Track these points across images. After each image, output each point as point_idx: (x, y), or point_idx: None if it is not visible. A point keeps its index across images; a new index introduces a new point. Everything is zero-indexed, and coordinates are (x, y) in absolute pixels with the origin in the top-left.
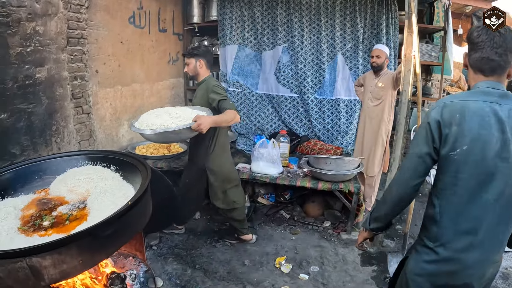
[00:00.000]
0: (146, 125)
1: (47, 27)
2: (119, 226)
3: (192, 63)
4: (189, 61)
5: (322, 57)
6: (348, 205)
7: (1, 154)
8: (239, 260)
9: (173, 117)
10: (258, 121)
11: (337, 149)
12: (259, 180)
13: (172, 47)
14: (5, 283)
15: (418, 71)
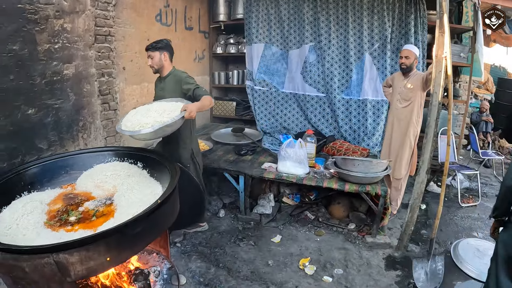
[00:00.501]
0: (140, 126)
1: (74, 24)
2: (148, 224)
3: (156, 56)
4: (153, 54)
5: (349, 56)
6: (375, 208)
7: (29, 149)
8: (263, 260)
9: (159, 112)
10: (284, 120)
11: (363, 151)
12: (286, 180)
13: (198, 45)
14: (30, 278)
15: (450, 72)
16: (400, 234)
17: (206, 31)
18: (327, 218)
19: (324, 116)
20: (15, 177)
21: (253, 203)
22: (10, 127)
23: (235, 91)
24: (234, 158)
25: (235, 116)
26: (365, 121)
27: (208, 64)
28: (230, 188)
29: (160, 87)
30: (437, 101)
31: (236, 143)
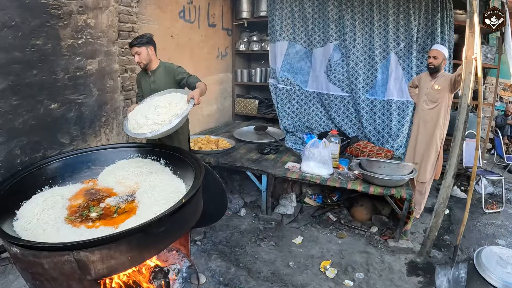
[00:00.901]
0: (156, 124)
1: (98, 20)
2: (171, 223)
3: (143, 52)
4: (140, 50)
5: (374, 55)
6: (399, 211)
7: (51, 143)
8: (284, 261)
9: (166, 106)
10: (307, 120)
11: (388, 152)
12: (309, 181)
13: (221, 42)
14: (49, 274)
15: (480, 74)
16: (423, 239)
17: (229, 28)
18: (349, 220)
19: (348, 116)
20: (36, 171)
21: (275, 203)
22: (33, 121)
23: (257, 89)
24: (257, 156)
25: (257, 114)
26: (390, 122)
27: (231, 61)
28: (251, 187)
29: (150, 81)
30: (466, 103)
31: (258, 141)
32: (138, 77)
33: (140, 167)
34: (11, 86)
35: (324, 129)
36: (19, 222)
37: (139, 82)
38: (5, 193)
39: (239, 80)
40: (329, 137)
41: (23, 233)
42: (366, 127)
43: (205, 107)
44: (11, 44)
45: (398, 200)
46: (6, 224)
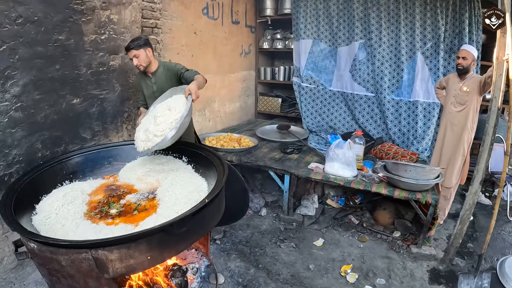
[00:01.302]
0: (154, 136)
1: (121, 15)
2: (193, 224)
3: (142, 54)
4: (138, 53)
5: (400, 55)
6: (423, 217)
7: (72, 138)
8: (304, 263)
9: (166, 113)
10: (331, 119)
11: (413, 155)
12: (333, 182)
13: (244, 40)
14: (66, 271)
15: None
16: (446, 246)
17: (253, 26)
18: (371, 224)
19: (373, 117)
20: (57, 165)
21: (296, 203)
22: (55, 115)
23: (280, 87)
24: (279, 156)
25: (280, 112)
26: (415, 124)
27: (254, 59)
28: (273, 186)
29: (151, 84)
30: (496, 106)
31: (281, 140)
32: (137, 82)
33: (161, 164)
34: (34, 80)
35: (348, 129)
36: (38, 217)
37: (139, 87)
38: (25, 187)
39: (262, 78)
40: (353, 138)
41: (41, 227)
42: (391, 129)
43: (228, 104)
44: (33, 39)
45: (423, 205)
46: (24, 218)
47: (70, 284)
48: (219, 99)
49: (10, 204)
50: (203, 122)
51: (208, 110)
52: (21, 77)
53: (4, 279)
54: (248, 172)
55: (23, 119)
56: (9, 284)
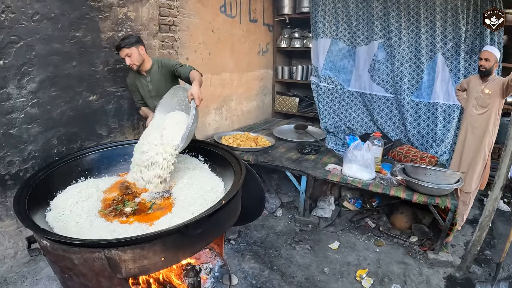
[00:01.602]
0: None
1: (138, 13)
2: (209, 225)
3: (134, 53)
4: (130, 51)
5: (420, 55)
6: (442, 222)
7: (88, 135)
8: (319, 266)
9: (174, 123)
10: (348, 120)
11: (432, 158)
12: (350, 185)
13: (262, 38)
14: (78, 270)
15: None
16: (463, 252)
17: (271, 24)
18: (388, 228)
19: (391, 118)
20: (73, 162)
21: (312, 205)
22: (71, 112)
23: (298, 86)
24: (296, 156)
25: (297, 112)
26: (435, 127)
27: (272, 58)
28: (289, 187)
29: (147, 82)
30: None
31: (298, 140)
32: (130, 81)
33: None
34: (50, 77)
35: (366, 130)
36: (52, 213)
37: (133, 86)
38: (40, 183)
39: (279, 77)
40: (371, 140)
41: (55, 224)
42: (409, 131)
43: (245, 103)
44: (50, 36)
45: (441, 210)
46: (38, 214)
47: (82, 283)
48: (236, 98)
49: (24, 201)
50: (220, 120)
51: (225, 108)
52: (38, 74)
53: (17, 273)
54: (264, 171)
55: (39, 115)
56: (22, 278)
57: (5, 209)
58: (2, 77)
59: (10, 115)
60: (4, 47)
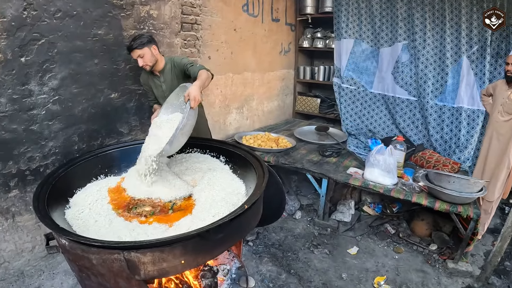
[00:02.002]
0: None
1: (161, 11)
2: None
3: (147, 53)
4: (142, 52)
5: (445, 58)
6: (463, 231)
7: (109, 132)
8: (337, 272)
9: (168, 124)
10: (370, 123)
11: (454, 165)
12: (372, 190)
13: (284, 38)
14: (97, 270)
15: None
16: (483, 263)
17: (293, 24)
18: (408, 235)
19: (414, 122)
20: (93, 159)
21: (332, 208)
22: (92, 109)
23: (319, 87)
24: (317, 158)
25: (318, 113)
26: (458, 132)
27: (294, 57)
28: (308, 189)
29: (160, 83)
30: None
31: (319, 142)
32: (144, 81)
33: (199, 163)
34: (72, 74)
35: (388, 134)
36: (71, 210)
37: (147, 86)
38: (60, 180)
39: (301, 77)
40: (394, 144)
41: (74, 222)
42: (432, 135)
43: (266, 103)
44: (72, 33)
45: (463, 219)
46: (57, 211)
47: (100, 282)
48: (258, 97)
49: (43, 198)
50: (240, 120)
51: (246, 108)
52: (59, 71)
53: (34, 266)
54: (284, 172)
55: (61, 112)
56: (39, 271)
57: (24, 203)
58: (24, 73)
59: (32, 112)
60: (26, 44)
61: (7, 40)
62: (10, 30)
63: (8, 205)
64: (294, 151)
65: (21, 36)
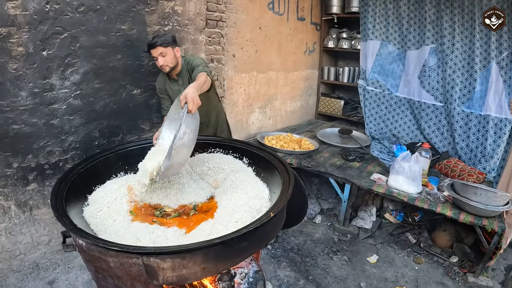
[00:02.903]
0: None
1: (185, 7)
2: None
3: (170, 53)
4: (166, 51)
5: (474, 63)
6: (486, 245)
7: (130, 128)
8: (355, 280)
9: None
10: (394, 127)
11: (480, 175)
12: (396, 198)
13: (309, 37)
14: (114, 272)
15: None
16: (503, 278)
17: (318, 23)
18: (429, 245)
19: (439, 129)
20: (113, 155)
21: (353, 214)
22: (114, 105)
23: (343, 88)
24: (340, 162)
25: (342, 115)
26: (485, 141)
27: (318, 58)
28: (329, 193)
29: (179, 86)
30: None
31: (342, 145)
32: (160, 85)
33: (221, 163)
34: (94, 69)
35: (412, 139)
36: (89, 208)
37: (162, 91)
38: (79, 176)
39: (325, 78)
40: (419, 151)
41: (92, 220)
42: (458, 143)
43: (289, 103)
44: (96, 28)
45: (486, 232)
46: (75, 208)
47: (116, 284)
48: (281, 97)
49: (62, 195)
50: (263, 119)
51: (269, 107)
52: (82, 65)
53: (50, 259)
54: (305, 175)
55: (82, 107)
56: (54, 265)
57: (42, 197)
58: (46, 67)
59: (52, 106)
60: (48, 38)
61: (29, 34)
62: (32, 23)
63: (26, 198)
64: (317, 153)
65: (43, 29)
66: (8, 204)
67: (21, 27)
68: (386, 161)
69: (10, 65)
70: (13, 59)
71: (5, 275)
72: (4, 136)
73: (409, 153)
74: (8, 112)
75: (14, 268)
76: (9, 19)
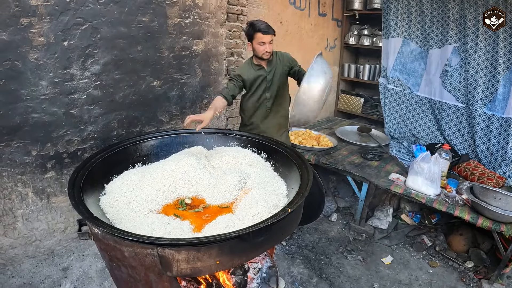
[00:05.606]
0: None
1: (206, 0)
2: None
3: (273, 41)
4: (273, 39)
5: (497, 64)
6: (503, 251)
7: (149, 120)
8: (369, 281)
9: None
10: (414, 127)
11: (499, 179)
12: (414, 199)
13: (330, 33)
14: (128, 262)
15: None
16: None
17: (339, 19)
18: (444, 249)
19: (460, 130)
20: (131, 146)
21: (369, 213)
22: (133, 96)
23: (363, 86)
24: (359, 161)
25: (361, 113)
26: (506, 145)
27: (339, 54)
28: (346, 191)
29: (266, 74)
30: None
31: (361, 144)
32: (241, 71)
33: (239, 158)
34: (115, 60)
35: (431, 140)
36: (106, 197)
37: (238, 77)
38: (97, 165)
39: (345, 75)
40: (439, 152)
41: (108, 209)
42: (478, 146)
43: None
44: (117, 19)
45: (503, 238)
46: (92, 197)
47: (130, 274)
48: None
49: (79, 184)
50: None
51: None
52: (102, 56)
53: (65, 246)
54: (322, 172)
55: (102, 97)
56: (69, 252)
57: (60, 185)
58: (66, 58)
59: (72, 95)
60: (69, 28)
61: (50, 24)
62: (53, 14)
63: (43, 186)
64: (335, 151)
65: (64, 20)
66: (25, 191)
67: (42, 18)
68: (404, 161)
69: (31, 55)
70: (34, 49)
71: (20, 260)
72: (23, 124)
73: (429, 154)
74: (28, 100)
75: (29, 254)
76: (30, 10)
